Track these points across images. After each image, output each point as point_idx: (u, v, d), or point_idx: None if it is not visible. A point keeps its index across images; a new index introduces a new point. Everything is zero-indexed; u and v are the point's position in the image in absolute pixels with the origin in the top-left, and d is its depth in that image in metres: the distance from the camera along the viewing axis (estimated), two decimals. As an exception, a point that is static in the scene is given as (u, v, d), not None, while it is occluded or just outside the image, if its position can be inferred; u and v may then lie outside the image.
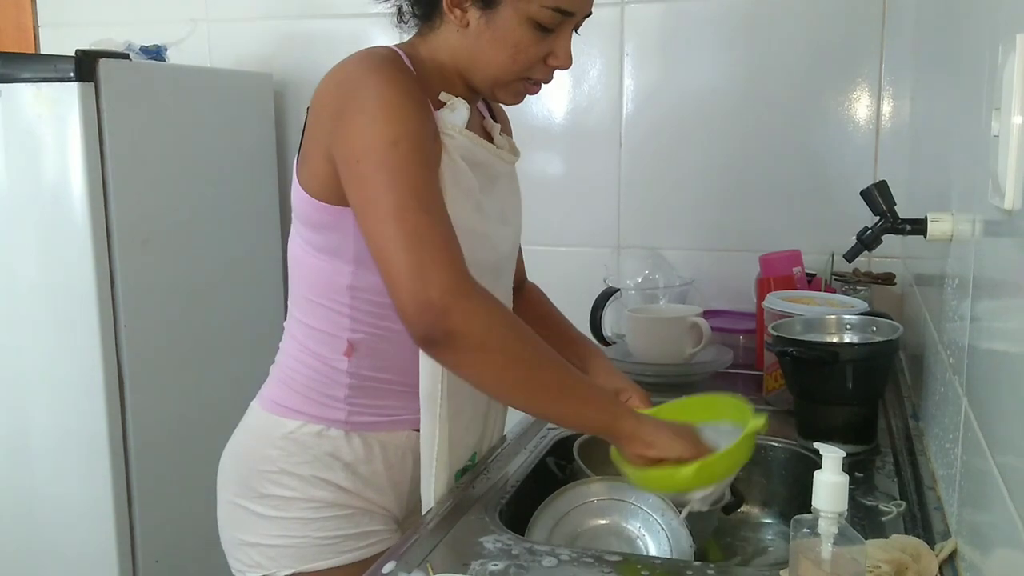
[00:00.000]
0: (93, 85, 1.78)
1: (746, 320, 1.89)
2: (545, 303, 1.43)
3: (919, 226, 1.12)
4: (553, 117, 2.18)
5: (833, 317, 1.38)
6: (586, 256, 2.16)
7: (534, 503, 1.14)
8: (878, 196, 1.26)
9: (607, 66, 2.12)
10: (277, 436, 1.19)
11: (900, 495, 1.13)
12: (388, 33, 1.21)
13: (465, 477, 1.22)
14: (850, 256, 1.34)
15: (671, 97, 2.09)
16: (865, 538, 0.82)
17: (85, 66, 1.76)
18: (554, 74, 1.15)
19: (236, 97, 2.24)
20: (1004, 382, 0.72)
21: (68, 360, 1.84)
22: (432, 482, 1.16)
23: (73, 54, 1.77)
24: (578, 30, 1.14)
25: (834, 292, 1.71)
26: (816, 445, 0.81)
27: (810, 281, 1.76)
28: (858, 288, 1.80)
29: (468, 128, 1.14)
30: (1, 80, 1.78)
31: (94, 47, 1.98)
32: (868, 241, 1.29)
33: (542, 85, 1.16)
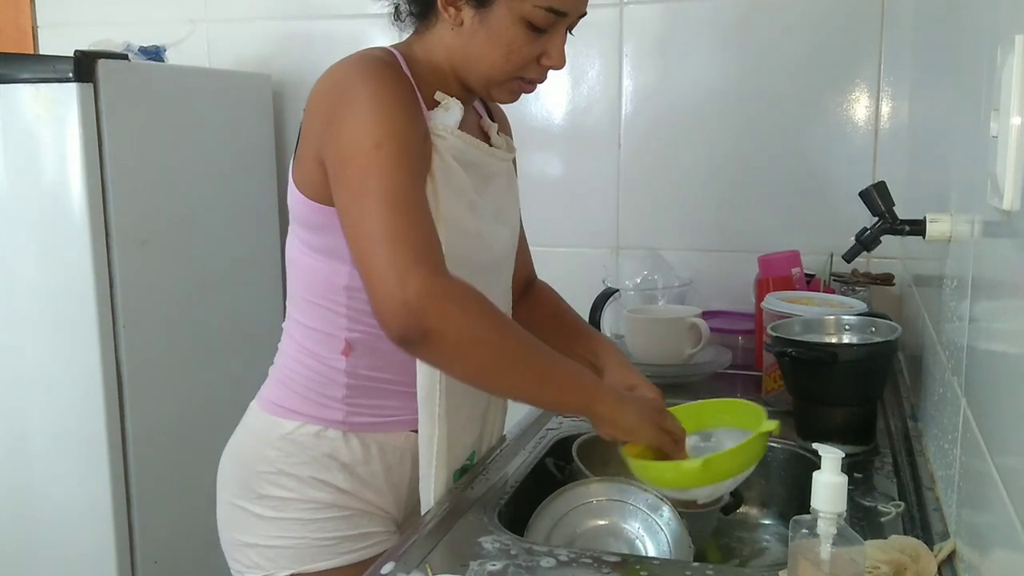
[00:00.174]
0: (92, 86, 1.77)
1: (745, 321, 1.89)
2: (555, 300, 1.43)
3: (918, 227, 1.12)
4: (552, 118, 2.18)
5: (832, 318, 1.39)
6: (585, 257, 2.16)
7: (533, 504, 1.14)
8: (877, 197, 1.26)
9: (606, 67, 2.12)
10: (275, 437, 1.19)
11: (899, 496, 1.13)
12: (387, 33, 1.21)
13: (464, 477, 1.22)
14: (849, 257, 1.34)
15: (670, 98, 2.09)
16: (864, 539, 0.81)
17: (84, 67, 1.76)
18: (548, 73, 1.15)
19: (235, 98, 2.23)
20: (1003, 383, 0.72)
21: (67, 360, 1.84)
22: (432, 482, 1.16)
23: (72, 55, 1.77)
24: (572, 30, 1.14)
25: (833, 293, 1.71)
26: (815, 446, 0.81)
27: (809, 282, 1.76)
28: (857, 289, 1.80)
29: (463, 128, 1.14)
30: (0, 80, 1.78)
31: (93, 48, 1.98)
32: (867, 242, 1.29)
33: (537, 84, 1.16)
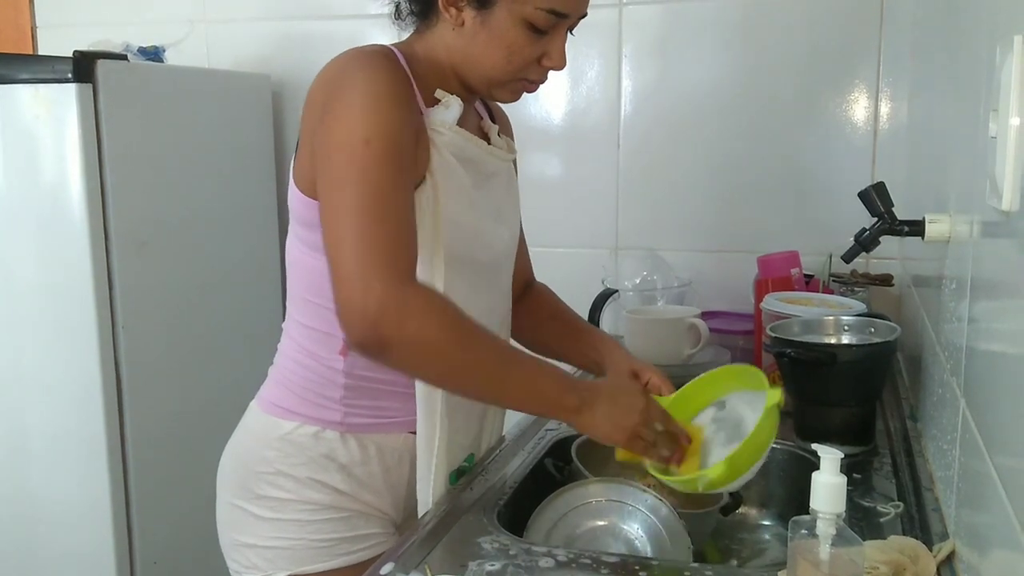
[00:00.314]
0: (91, 86, 1.77)
1: (744, 321, 1.89)
2: (553, 301, 1.42)
3: (917, 227, 1.12)
4: (551, 118, 2.18)
5: (831, 318, 1.39)
6: (584, 257, 2.15)
7: (532, 504, 1.14)
8: (876, 197, 1.26)
9: (605, 67, 2.12)
10: (274, 437, 1.19)
11: (898, 496, 1.13)
12: (387, 34, 1.21)
13: (463, 479, 1.21)
14: (848, 257, 1.34)
15: (669, 98, 2.09)
16: (863, 539, 0.82)
17: (83, 67, 1.76)
18: (549, 74, 1.15)
19: (234, 98, 2.23)
20: (1002, 383, 0.72)
21: (66, 361, 1.84)
22: (430, 483, 1.16)
23: (71, 55, 1.77)
24: (573, 31, 1.14)
25: (832, 293, 1.71)
26: (814, 446, 0.81)
27: (808, 282, 1.76)
28: (856, 289, 1.80)
29: (462, 126, 1.14)
30: (-1, 81, 1.78)
31: (92, 48, 1.99)
32: (866, 242, 1.29)
33: (539, 84, 1.16)
